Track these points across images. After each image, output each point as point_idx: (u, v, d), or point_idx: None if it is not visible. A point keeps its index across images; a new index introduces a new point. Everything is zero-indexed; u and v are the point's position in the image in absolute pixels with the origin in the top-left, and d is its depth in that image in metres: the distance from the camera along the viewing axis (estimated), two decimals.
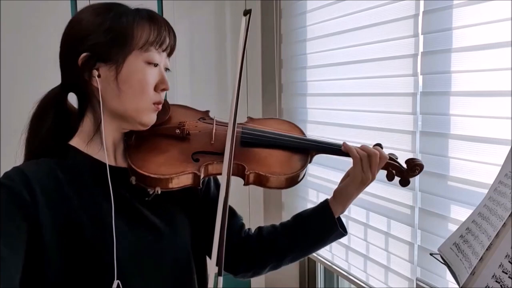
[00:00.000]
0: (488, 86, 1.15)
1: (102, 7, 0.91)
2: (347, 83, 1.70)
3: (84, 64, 0.87)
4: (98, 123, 0.90)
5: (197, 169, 0.91)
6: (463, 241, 0.87)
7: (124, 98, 0.88)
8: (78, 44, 0.87)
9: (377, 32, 1.51)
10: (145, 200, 0.92)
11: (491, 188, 0.87)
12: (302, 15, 1.97)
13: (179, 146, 0.95)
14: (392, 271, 1.51)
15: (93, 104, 0.91)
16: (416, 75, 1.36)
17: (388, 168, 1.03)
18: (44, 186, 0.83)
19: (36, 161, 0.88)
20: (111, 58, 0.87)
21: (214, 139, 0.98)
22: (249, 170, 0.94)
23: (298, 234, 1.04)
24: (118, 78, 0.87)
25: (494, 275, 0.72)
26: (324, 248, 1.85)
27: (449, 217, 1.28)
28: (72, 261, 0.83)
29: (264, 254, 1.05)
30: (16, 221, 0.79)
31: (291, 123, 1.11)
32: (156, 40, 0.89)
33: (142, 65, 0.88)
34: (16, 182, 0.81)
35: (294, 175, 0.97)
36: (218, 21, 2.26)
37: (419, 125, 1.37)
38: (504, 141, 1.10)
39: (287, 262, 1.06)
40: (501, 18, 1.10)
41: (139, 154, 0.92)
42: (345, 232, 1.03)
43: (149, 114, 0.92)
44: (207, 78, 2.23)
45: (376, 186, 1.54)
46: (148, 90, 0.89)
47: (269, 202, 2.31)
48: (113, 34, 0.87)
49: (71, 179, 0.87)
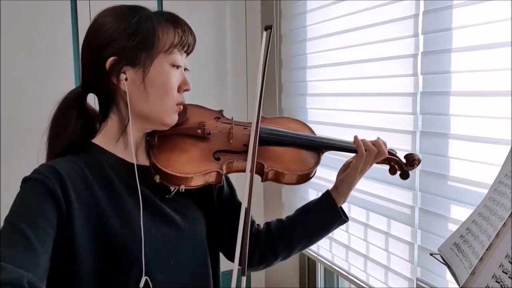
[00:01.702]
0: (487, 86, 1.15)
1: (125, 11, 0.92)
2: (347, 83, 1.70)
3: (112, 68, 0.89)
4: (123, 124, 0.93)
5: (220, 167, 0.96)
6: (463, 241, 0.87)
7: (150, 100, 0.91)
8: (104, 49, 0.89)
9: (377, 32, 1.51)
10: (165, 197, 0.96)
11: (491, 188, 0.87)
12: (302, 15, 1.97)
13: (200, 146, 1.00)
14: (392, 271, 1.51)
15: (118, 106, 0.93)
16: (416, 75, 1.36)
17: (391, 163, 1.10)
18: (75, 184, 0.85)
19: (63, 158, 0.90)
20: (138, 62, 0.90)
21: (232, 138, 1.01)
22: (268, 167, 1.00)
23: (306, 226, 1.09)
24: (145, 81, 0.90)
25: (494, 275, 0.72)
26: (324, 248, 1.86)
27: (449, 217, 1.28)
28: (100, 257, 0.86)
29: (275, 247, 1.11)
30: (48, 216, 0.81)
31: (301, 122, 1.17)
32: (180, 43, 0.92)
33: (167, 68, 0.92)
34: (49, 179, 0.83)
35: (309, 171, 1.04)
36: (218, 21, 2.26)
37: (419, 125, 1.37)
38: (504, 141, 1.10)
39: (296, 252, 1.13)
40: (501, 18, 1.10)
41: (163, 154, 0.95)
42: (347, 218, 1.10)
43: (172, 114, 0.95)
44: (207, 78, 2.23)
45: (376, 186, 1.55)
46: (172, 92, 0.93)
47: (269, 202, 2.31)
48: (140, 38, 0.89)
49: (98, 177, 0.89)
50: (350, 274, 1.72)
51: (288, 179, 1.02)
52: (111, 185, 0.90)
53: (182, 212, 0.97)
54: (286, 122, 1.14)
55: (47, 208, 0.81)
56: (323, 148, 1.09)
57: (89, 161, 0.91)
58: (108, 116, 0.95)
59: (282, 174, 1.01)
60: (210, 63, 2.24)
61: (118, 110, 0.94)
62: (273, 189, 2.25)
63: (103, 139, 0.95)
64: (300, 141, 1.07)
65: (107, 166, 0.92)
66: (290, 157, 1.04)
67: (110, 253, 0.86)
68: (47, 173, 0.83)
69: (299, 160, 1.05)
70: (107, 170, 0.91)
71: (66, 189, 0.83)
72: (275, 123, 1.11)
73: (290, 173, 1.01)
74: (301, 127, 1.15)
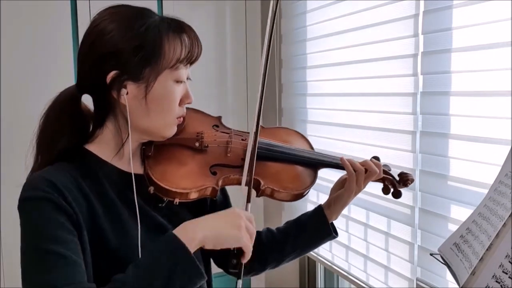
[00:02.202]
0: (488, 86, 1.15)
1: (130, 15, 0.88)
2: (347, 83, 1.70)
3: (113, 82, 0.86)
4: (120, 137, 0.91)
5: (216, 183, 0.95)
6: (463, 241, 0.87)
7: (151, 116, 0.89)
8: (107, 59, 0.85)
9: (377, 32, 1.51)
10: (158, 206, 0.95)
11: (491, 188, 0.87)
12: (302, 15, 1.97)
13: (197, 158, 0.98)
14: (392, 271, 1.51)
15: (116, 117, 0.91)
16: (416, 75, 1.36)
17: (384, 182, 1.10)
18: (73, 194, 0.83)
19: (54, 167, 0.86)
20: (142, 77, 0.86)
21: (230, 151, 1.00)
22: (264, 185, 0.99)
23: (297, 240, 1.10)
24: (147, 97, 0.87)
25: (494, 275, 0.72)
26: (324, 248, 1.86)
27: (449, 217, 1.28)
28: (98, 267, 0.84)
29: (265, 257, 1.11)
30: (67, 227, 0.80)
31: (300, 134, 1.16)
32: (186, 58, 0.90)
33: (171, 84, 0.89)
34: (51, 193, 0.80)
35: (304, 191, 1.04)
36: (218, 21, 2.26)
37: (419, 125, 1.36)
38: (504, 141, 1.10)
39: (285, 263, 1.13)
40: (501, 18, 1.10)
41: (158, 166, 0.94)
42: (336, 234, 1.11)
43: (172, 127, 0.93)
44: (207, 78, 2.23)
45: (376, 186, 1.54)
46: (174, 107, 0.91)
47: (270, 201, 2.30)
48: (145, 52, 0.85)
49: (93, 188, 0.87)
50: (350, 274, 1.72)
51: (282, 197, 1.02)
52: (106, 196, 0.88)
53: (174, 220, 0.94)
54: (285, 134, 1.13)
55: (63, 221, 0.80)
56: (320, 166, 1.09)
57: (83, 170, 0.87)
58: (104, 123, 0.91)
59: (278, 192, 1.01)
60: (210, 63, 2.24)
61: (115, 120, 0.91)
62: None
63: (97, 147, 0.91)
64: (298, 159, 1.07)
65: (101, 175, 0.89)
66: (287, 176, 1.03)
67: (106, 262, 0.85)
68: (46, 188, 0.81)
69: (296, 179, 1.04)
70: (102, 180, 0.89)
71: (70, 203, 0.82)
72: (273, 136, 1.09)
73: (286, 192, 1.01)
74: (300, 140, 1.13)
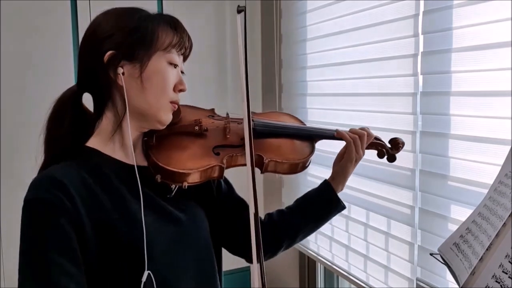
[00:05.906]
0: (488, 86, 1.15)
1: (125, 10, 0.95)
2: (347, 83, 1.70)
3: (110, 62, 0.90)
4: (118, 122, 0.93)
5: (221, 161, 0.98)
6: (463, 241, 0.87)
7: (146, 95, 0.92)
8: (103, 43, 0.90)
9: (377, 32, 1.51)
10: (167, 197, 0.97)
11: (491, 188, 0.87)
12: (302, 15, 1.97)
13: (198, 142, 1.01)
14: (392, 271, 1.51)
15: (114, 102, 0.94)
16: (416, 75, 1.37)
17: (378, 148, 1.17)
18: (79, 191, 0.85)
19: (60, 165, 0.89)
20: (136, 57, 0.91)
21: (229, 132, 1.04)
22: (267, 158, 1.03)
23: (308, 214, 1.13)
24: (142, 76, 0.91)
25: (494, 275, 0.72)
26: (324, 248, 1.86)
27: (449, 217, 1.28)
28: (108, 260, 0.86)
29: (279, 236, 1.14)
30: (68, 233, 0.82)
31: (290, 115, 1.21)
32: (178, 43, 0.94)
33: (164, 65, 0.93)
34: (54, 193, 0.82)
35: (306, 159, 1.08)
36: (218, 21, 2.26)
37: (419, 125, 1.37)
38: (504, 141, 1.10)
39: (298, 240, 1.17)
40: (501, 18, 1.10)
41: (162, 152, 0.96)
42: (344, 206, 1.15)
43: (167, 112, 0.96)
44: (207, 78, 2.23)
45: (376, 186, 1.55)
46: (168, 89, 0.94)
47: (269, 201, 2.31)
48: (139, 34, 0.91)
49: (98, 181, 0.89)
50: (350, 274, 1.72)
51: (286, 169, 1.06)
52: (112, 187, 0.90)
53: (184, 210, 0.98)
54: (277, 116, 1.18)
55: (64, 225, 0.81)
56: (315, 137, 1.14)
57: (87, 165, 0.90)
58: (103, 114, 0.94)
59: (281, 164, 1.04)
60: (210, 63, 2.24)
61: (113, 106, 0.94)
62: (273, 189, 2.25)
63: (97, 141, 0.94)
64: (294, 131, 1.12)
65: (105, 169, 0.91)
66: (286, 148, 1.08)
67: (117, 255, 0.87)
68: (50, 187, 0.83)
69: (296, 150, 1.09)
70: (107, 173, 0.91)
71: (73, 198, 0.83)
72: (267, 117, 1.15)
73: (289, 162, 1.05)
74: (292, 119, 1.19)
